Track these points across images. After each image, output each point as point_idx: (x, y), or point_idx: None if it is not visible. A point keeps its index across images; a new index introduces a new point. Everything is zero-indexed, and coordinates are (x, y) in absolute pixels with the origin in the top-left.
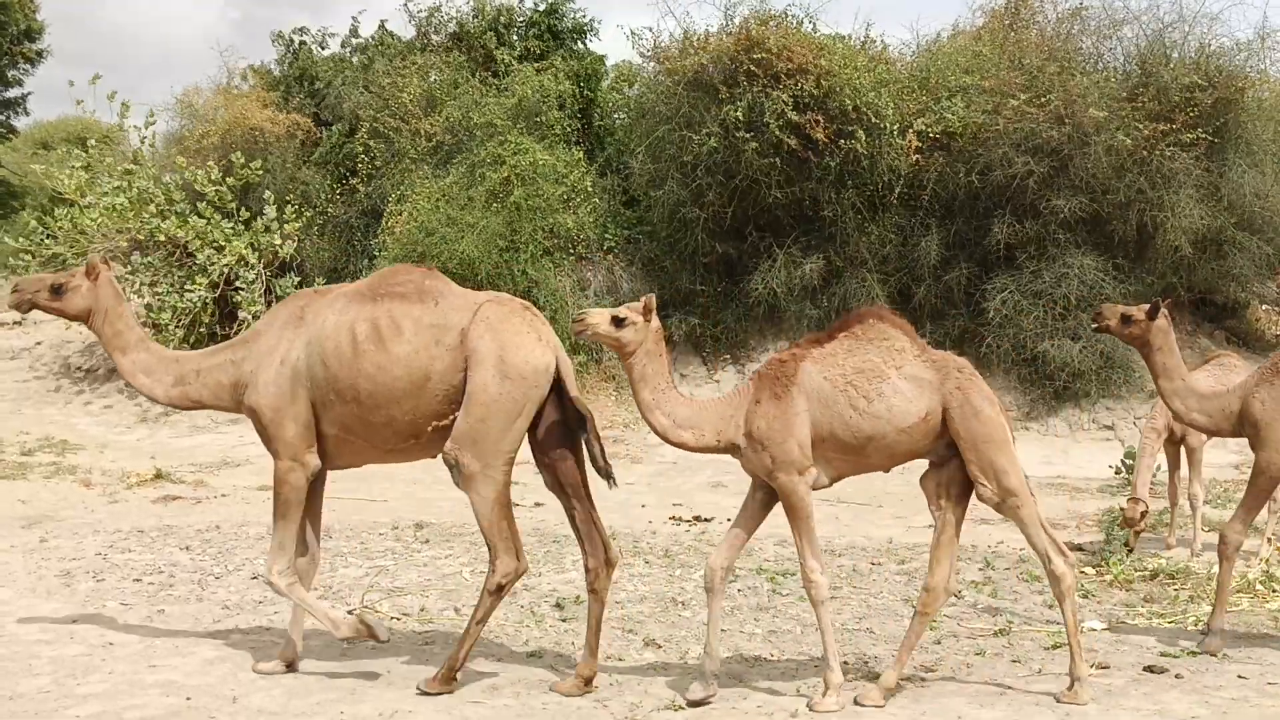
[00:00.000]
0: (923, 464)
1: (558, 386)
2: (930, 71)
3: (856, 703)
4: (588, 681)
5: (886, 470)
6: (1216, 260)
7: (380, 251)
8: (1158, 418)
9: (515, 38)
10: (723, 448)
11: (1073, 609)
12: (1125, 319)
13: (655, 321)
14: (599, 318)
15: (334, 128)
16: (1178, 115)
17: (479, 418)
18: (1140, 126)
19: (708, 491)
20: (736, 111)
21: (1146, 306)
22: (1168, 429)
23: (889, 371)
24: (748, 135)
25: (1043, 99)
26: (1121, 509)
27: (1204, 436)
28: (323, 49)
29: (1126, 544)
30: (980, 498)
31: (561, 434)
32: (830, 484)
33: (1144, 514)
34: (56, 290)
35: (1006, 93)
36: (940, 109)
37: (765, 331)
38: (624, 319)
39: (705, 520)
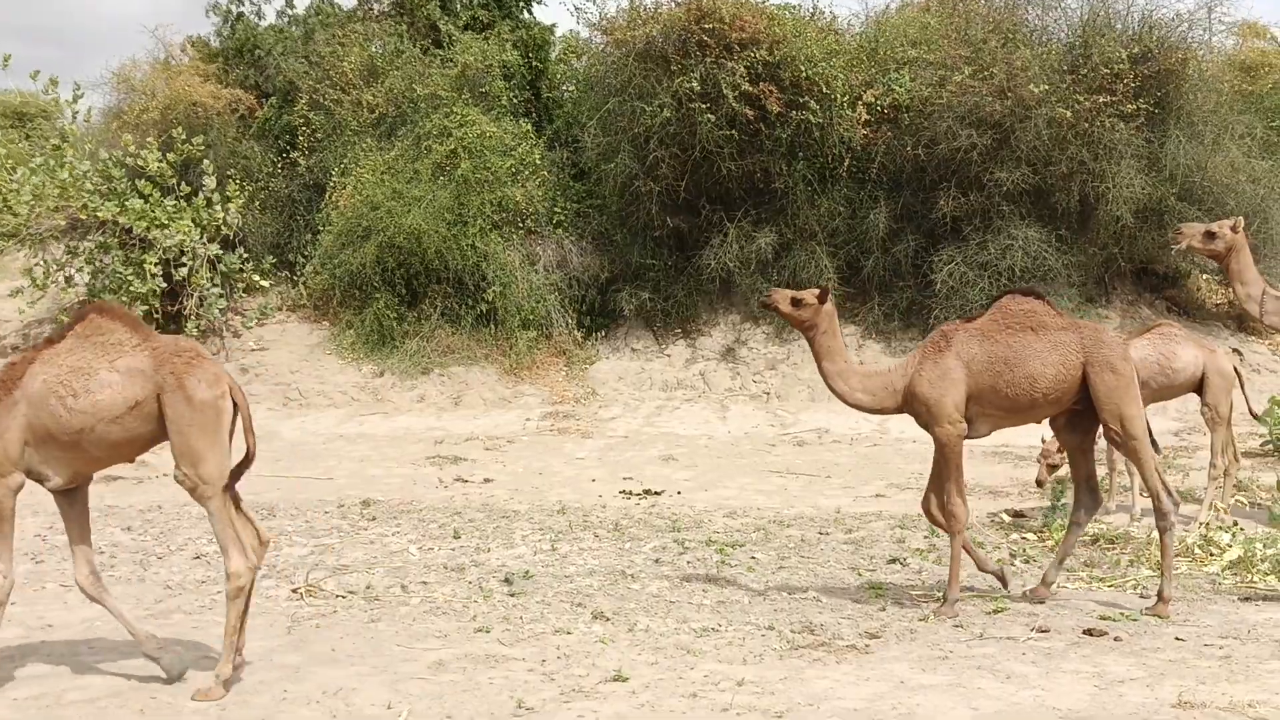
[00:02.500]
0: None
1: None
2: (879, 43)
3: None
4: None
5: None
6: (1157, 230)
7: (324, 225)
8: None
9: (459, 6)
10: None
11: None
12: (795, 302)
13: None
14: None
15: (272, 99)
16: (1118, 87)
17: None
18: (1081, 99)
19: (658, 465)
20: (691, 82)
21: (818, 291)
22: None
23: (100, 366)
24: (704, 106)
25: (986, 72)
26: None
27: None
28: (260, 20)
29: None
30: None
31: None
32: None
33: (1054, 468)
34: None
35: (952, 66)
36: (888, 81)
37: (717, 306)
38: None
39: (655, 494)
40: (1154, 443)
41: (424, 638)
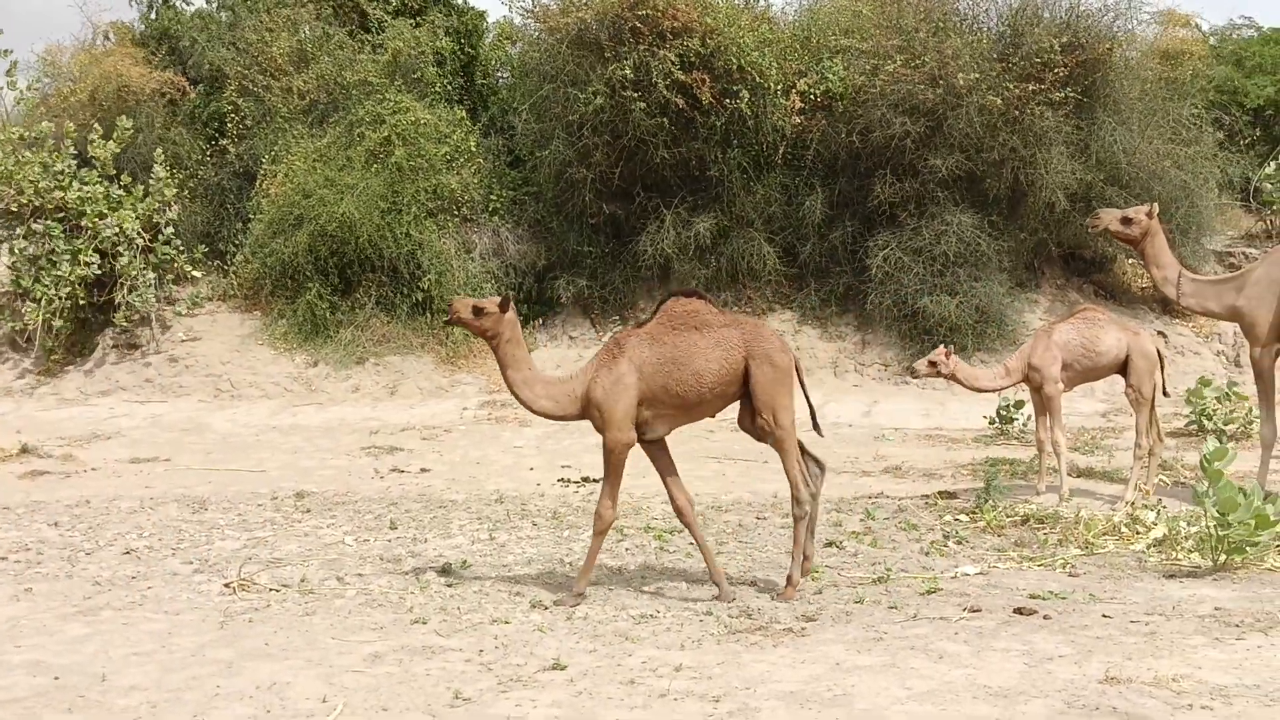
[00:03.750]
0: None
1: None
2: (811, 32)
3: None
4: None
5: None
6: (1086, 216)
7: (255, 214)
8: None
9: None
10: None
11: None
12: (477, 311)
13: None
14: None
15: (200, 86)
16: (1047, 75)
17: None
18: (1011, 87)
19: (596, 453)
20: (623, 70)
21: (499, 299)
22: (1022, 372)
23: None
24: (635, 94)
25: (918, 61)
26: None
27: (1060, 384)
28: (187, 5)
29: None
30: None
31: None
32: None
33: (933, 364)
34: None
35: (884, 55)
36: (821, 69)
37: (655, 293)
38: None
39: (593, 481)
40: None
41: (359, 630)
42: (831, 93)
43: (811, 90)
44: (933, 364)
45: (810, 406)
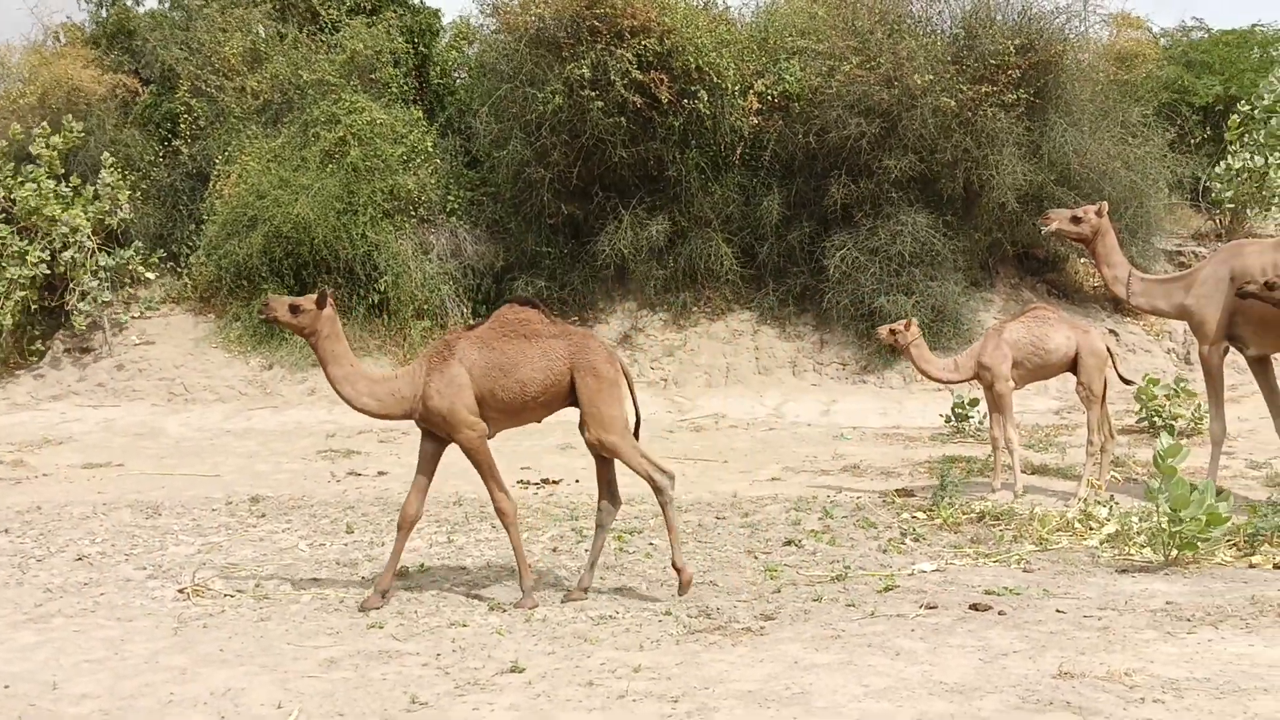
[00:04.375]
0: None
1: None
2: (769, 33)
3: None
4: None
5: None
6: (1038, 216)
7: (209, 215)
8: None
9: None
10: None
11: None
12: (294, 309)
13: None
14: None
15: (152, 86)
16: (999, 77)
17: None
18: (964, 88)
19: (556, 454)
20: (581, 69)
21: (316, 296)
22: (972, 370)
23: None
24: (593, 94)
25: (873, 62)
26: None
27: (1010, 382)
28: (139, 4)
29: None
30: None
31: None
32: None
33: (893, 332)
34: None
35: (840, 56)
36: (778, 70)
37: (613, 293)
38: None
39: (553, 482)
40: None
41: (315, 635)
42: (788, 93)
43: (769, 91)
44: (893, 332)
45: (638, 417)
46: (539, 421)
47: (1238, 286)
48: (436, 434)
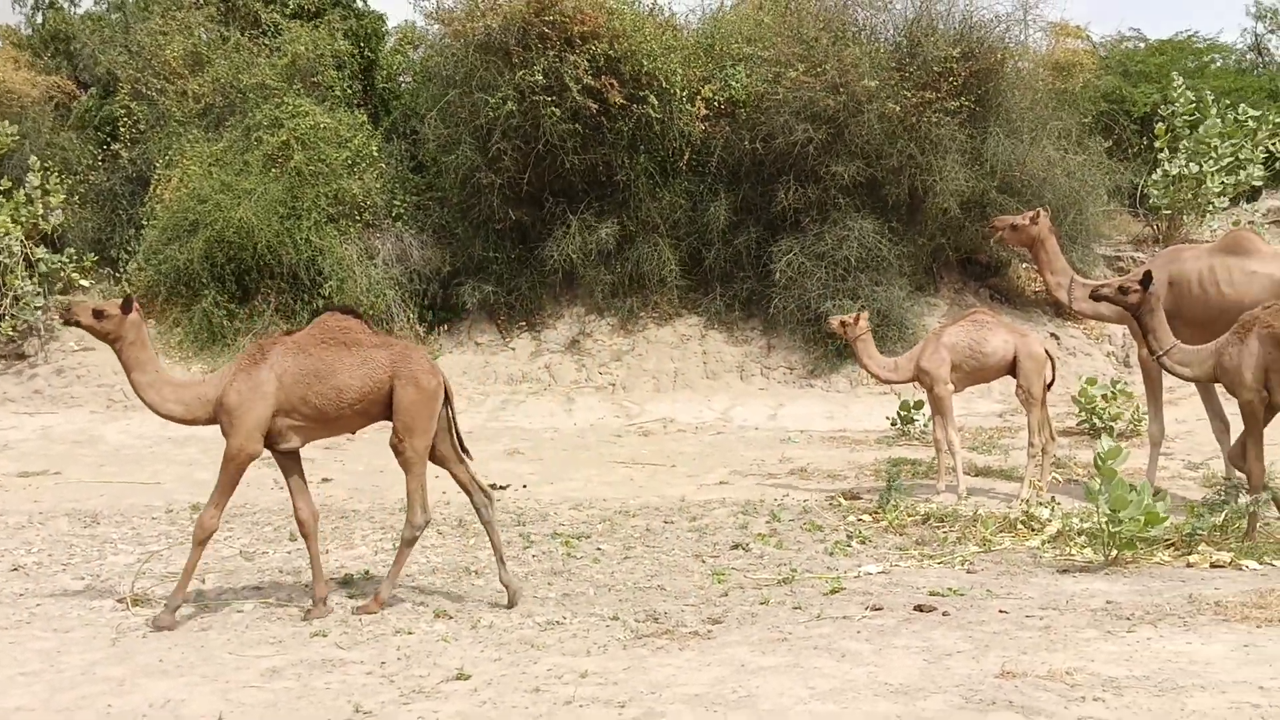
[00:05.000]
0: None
1: None
2: (715, 39)
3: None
4: None
5: None
6: (980, 221)
7: (149, 220)
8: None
9: None
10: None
11: None
12: (98, 314)
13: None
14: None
15: (91, 89)
16: (942, 84)
17: None
18: (908, 95)
19: (503, 459)
20: (534, 75)
21: (120, 301)
22: (911, 373)
23: None
24: (548, 99)
25: (819, 69)
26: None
27: (950, 385)
28: (77, 6)
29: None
30: None
31: None
32: None
33: (843, 324)
34: None
35: (786, 62)
36: (725, 76)
37: (561, 298)
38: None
39: (500, 488)
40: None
41: (257, 644)
42: (735, 99)
43: (715, 97)
44: (843, 324)
45: (457, 432)
46: (353, 432)
47: (1091, 290)
48: (281, 446)
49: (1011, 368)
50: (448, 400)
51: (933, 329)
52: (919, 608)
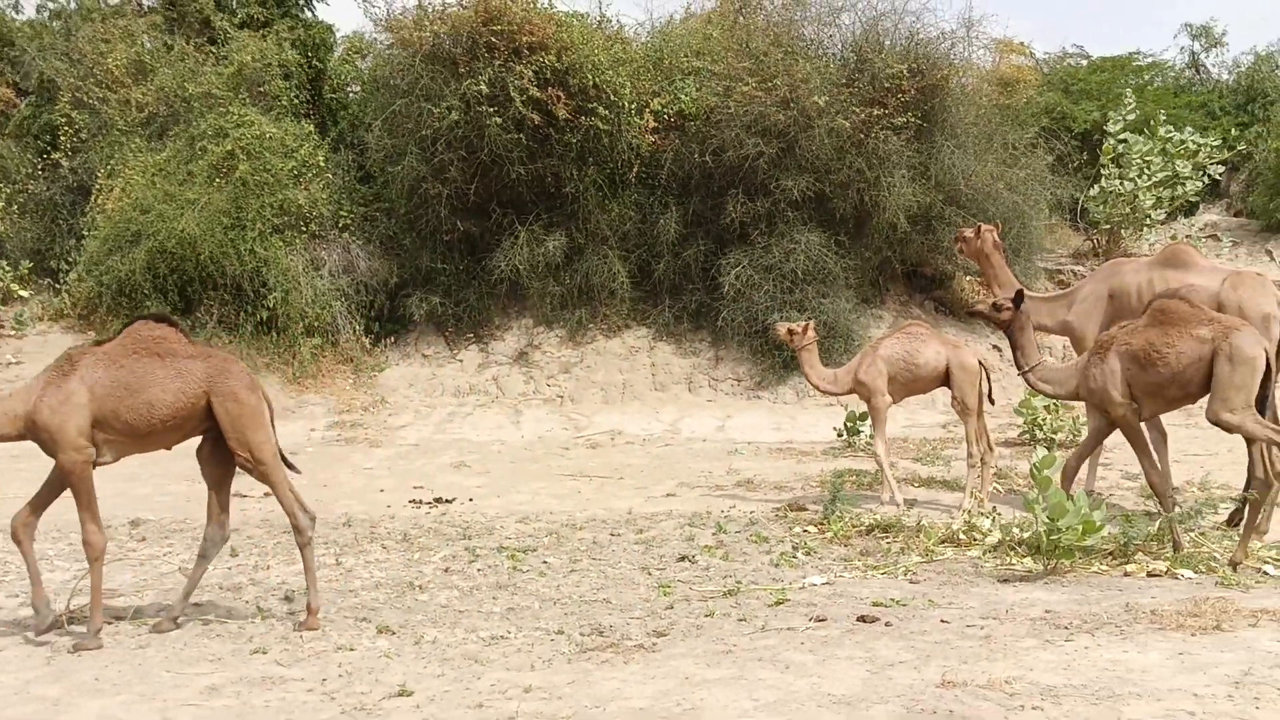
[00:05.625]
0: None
1: None
2: (664, 53)
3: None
4: None
5: None
6: (926, 235)
7: (90, 230)
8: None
9: (235, 3)
10: None
11: None
12: None
13: None
14: None
15: (31, 97)
16: (890, 100)
17: None
18: (857, 110)
19: (450, 473)
20: (479, 85)
21: None
22: (849, 385)
23: None
24: (491, 110)
25: (769, 83)
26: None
27: (886, 397)
28: (18, 13)
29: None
30: None
31: None
32: None
33: (791, 332)
34: None
35: (735, 77)
36: (674, 90)
37: (509, 310)
38: None
39: (446, 502)
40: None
41: (196, 662)
42: (684, 113)
43: (665, 110)
44: (791, 332)
45: (280, 450)
46: (170, 448)
47: (967, 308)
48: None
49: (946, 379)
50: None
51: (870, 342)
52: (862, 618)
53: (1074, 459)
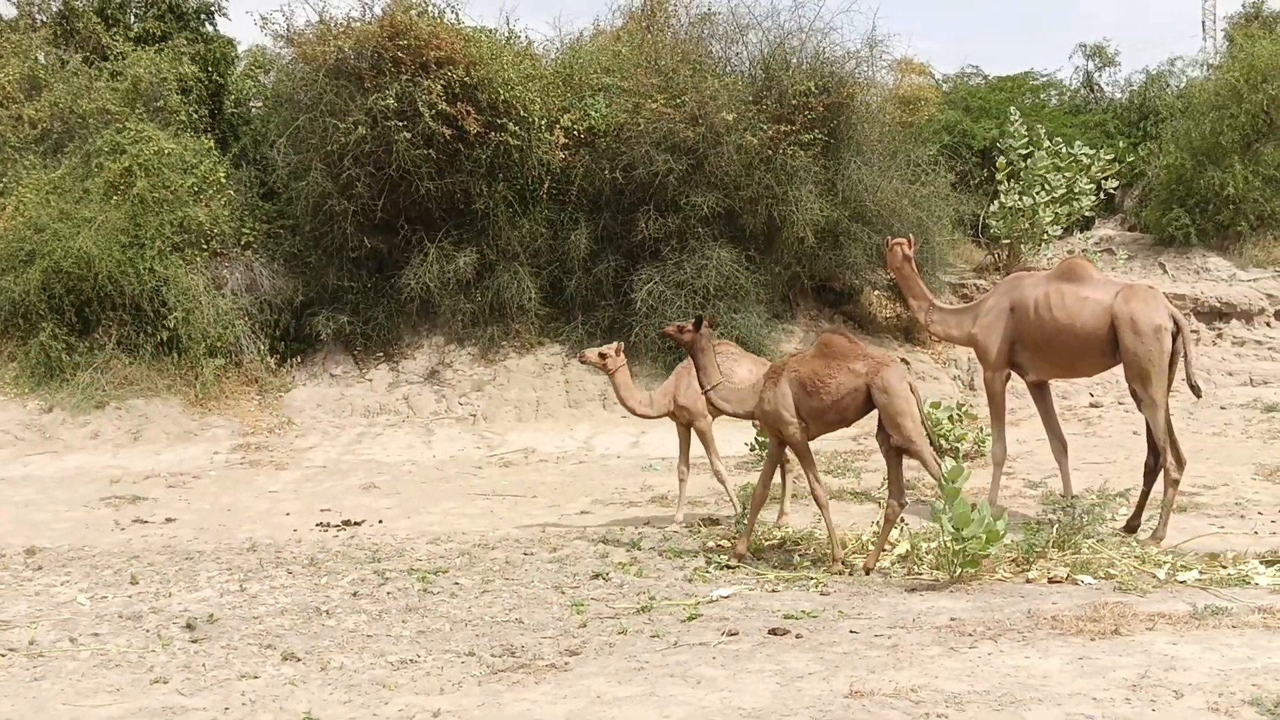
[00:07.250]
0: None
1: None
2: (574, 69)
3: None
4: None
5: None
6: (834, 250)
7: None
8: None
9: (132, 18)
10: None
11: None
12: None
13: None
14: None
15: None
16: (797, 117)
17: None
18: (765, 127)
19: (359, 494)
20: (386, 100)
21: None
22: (666, 407)
23: None
24: (400, 124)
25: (678, 100)
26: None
27: (709, 418)
28: None
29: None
30: None
31: None
32: None
33: (603, 355)
34: None
35: (645, 93)
36: (584, 106)
37: (419, 328)
38: None
39: (355, 524)
40: None
41: (93, 694)
42: (595, 129)
43: (575, 126)
44: (602, 355)
45: None
46: None
47: (662, 330)
48: None
49: None
50: None
51: (681, 365)
52: (773, 631)
53: (760, 486)
